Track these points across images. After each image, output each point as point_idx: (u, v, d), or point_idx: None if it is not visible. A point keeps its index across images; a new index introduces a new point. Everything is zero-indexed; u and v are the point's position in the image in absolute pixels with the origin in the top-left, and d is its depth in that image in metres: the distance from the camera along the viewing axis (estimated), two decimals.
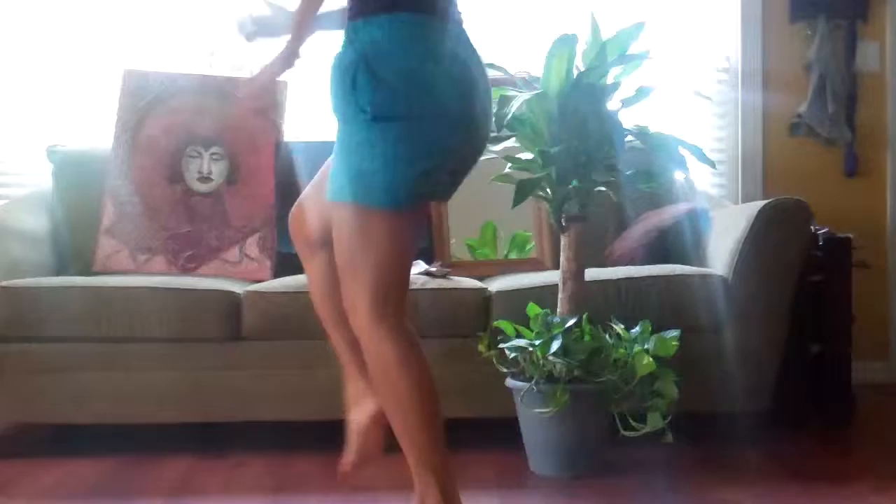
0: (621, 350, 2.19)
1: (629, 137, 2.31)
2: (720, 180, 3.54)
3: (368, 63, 1.63)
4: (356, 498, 2.10)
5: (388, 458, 1.83)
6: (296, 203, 1.93)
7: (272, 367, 2.50)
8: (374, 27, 1.65)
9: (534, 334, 2.22)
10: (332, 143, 1.70)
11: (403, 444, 1.73)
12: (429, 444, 1.70)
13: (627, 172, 2.35)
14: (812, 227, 2.68)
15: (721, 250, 2.62)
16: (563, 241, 2.35)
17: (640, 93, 2.31)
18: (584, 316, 2.23)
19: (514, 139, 2.35)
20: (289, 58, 1.86)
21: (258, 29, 1.94)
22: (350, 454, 1.92)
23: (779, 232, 2.53)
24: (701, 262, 2.74)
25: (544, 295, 2.42)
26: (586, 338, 2.20)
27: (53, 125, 3.34)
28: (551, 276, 2.51)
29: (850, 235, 2.83)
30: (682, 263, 2.70)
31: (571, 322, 2.20)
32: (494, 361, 2.29)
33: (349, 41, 1.68)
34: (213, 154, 3.03)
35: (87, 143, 3.24)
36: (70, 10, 3.37)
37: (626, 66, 2.30)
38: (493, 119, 1.89)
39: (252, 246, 2.94)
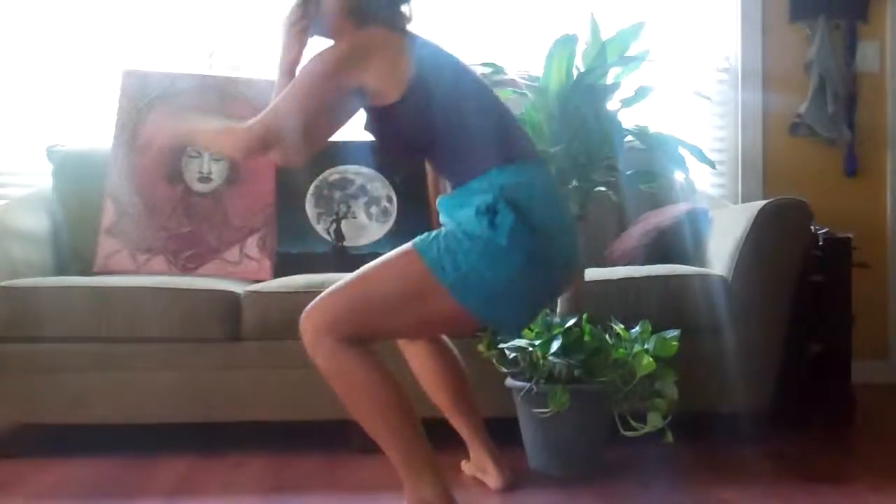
0: (621, 350, 2.18)
1: (629, 137, 2.31)
2: (720, 180, 3.54)
3: (510, 200, 1.75)
4: (356, 498, 2.10)
5: (386, 458, 1.83)
6: None
7: (272, 367, 2.50)
8: (508, 172, 1.78)
9: (534, 334, 2.22)
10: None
11: (383, 448, 1.83)
12: (402, 449, 1.80)
13: (627, 172, 2.35)
14: (812, 227, 2.68)
15: (721, 250, 2.62)
16: None
17: (640, 93, 2.31)
18: (584, 316, 2.23)
19: None
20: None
21: None
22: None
23: (779, 232, 2.53)
24: (701, 262, 2.74)
25: None
26: (586, 338, 2.20)
27: (53, 125, 3.34)
28: None
29: (850, 235, 2.83)
30: (682, 263, 2.69)
31: (571, 322, 2.20)
32: (494, 361, 2.29)
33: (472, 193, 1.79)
34: (213, 154, 3.03)
35: (87, 143, 3.24)
36: (70, 10, 3.37)
37: (626, 66, 2.30)
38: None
39: (252, 246, 2.94)
